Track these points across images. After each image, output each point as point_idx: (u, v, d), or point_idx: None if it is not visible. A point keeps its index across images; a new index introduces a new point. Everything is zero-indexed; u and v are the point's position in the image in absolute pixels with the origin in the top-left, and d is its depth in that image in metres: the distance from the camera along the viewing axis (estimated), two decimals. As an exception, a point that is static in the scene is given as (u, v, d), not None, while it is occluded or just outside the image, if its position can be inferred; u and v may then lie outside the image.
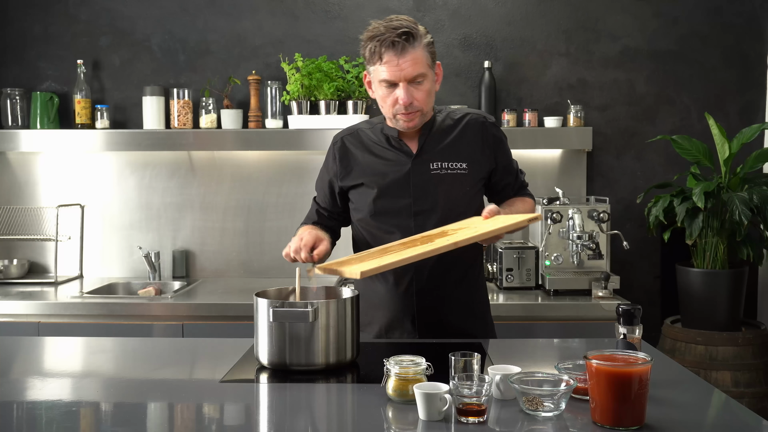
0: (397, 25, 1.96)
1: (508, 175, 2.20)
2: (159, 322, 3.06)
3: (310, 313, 1.67)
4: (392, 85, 1.98)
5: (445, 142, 2.11)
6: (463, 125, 2.13)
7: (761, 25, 3.62)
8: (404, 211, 2.07)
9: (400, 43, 1.93)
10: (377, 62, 1.97)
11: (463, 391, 1.38)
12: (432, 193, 2.07)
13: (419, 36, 1.97)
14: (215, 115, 3.58)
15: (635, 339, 1.60)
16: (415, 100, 1.98)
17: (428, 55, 1.99)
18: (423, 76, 1.98)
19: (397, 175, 2.08)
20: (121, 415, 1.54)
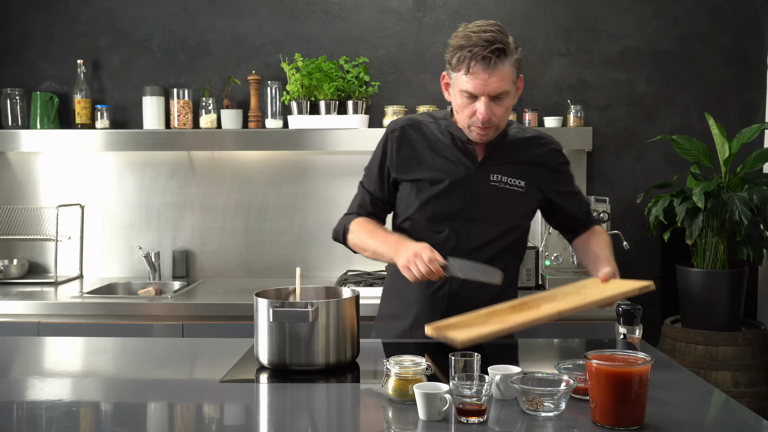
0: (491, 38, 1.87)
1: (571, 204, 2.16)
2: (159, 322, 3.06)
3: (310, 313, 1.67)
4: (473, 97, 1.92)
5: (510, 157, 2.06)
6: (531, 145, 2.10)
7: (761, 25, 3.62)
8: (457, 215, 2.04)
9: (492, 59, 1.86)
10: (462, 72, 1.90)
11: (463, 391, 1.38)
12: (486, 204, 2.03)
13: (510, 52, 1.89)
14: (215, 115, 3.58)
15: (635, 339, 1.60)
16: (494, 116, 1.93)
17: (515, 71, 1.93)
18: (506, 93, 1.92)
19: (457, 177, 2.03)
20: (121, 415, 1.54)
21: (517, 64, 1.93)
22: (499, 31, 1.90)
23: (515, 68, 1.93)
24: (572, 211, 2.17)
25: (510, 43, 1.90)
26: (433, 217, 2.05)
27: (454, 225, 2.04)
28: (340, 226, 2.14)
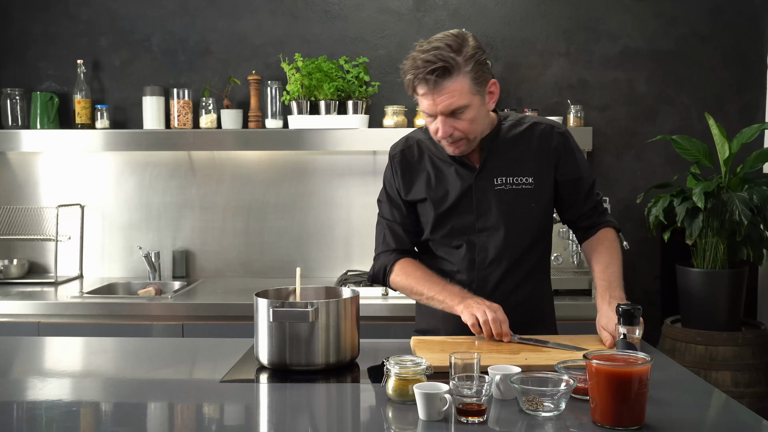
0: (431, 58, 1.81)
1: (575, 192, 2.07)
2: (159, 322, 3.06)
3: (310, 313, 1.67)
4: (431, 116, 1.90)
5: (510, 154, 2.01)
6: (529, 135, 2.03)
7: (761, 25, 3.62)
8: (469, 228, 2.01)
9: (432, 80, 1.82)
10: (414, 93, 1.90)
11: (463, 391, 1.38)
12: (496, 210, 1.99)
13: (456, 67, 1.82)
14: (215, 115, 3.58)
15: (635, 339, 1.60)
16: (456, 131, 1.89)
17: (471, 82, 1.85)
18: (464, 107, 1.86)
19: (460, 190, 2.00)
20: (121, 415, 1.54)
21: (476, 73, 1.85)
22: (448, 45, 1.83)
23: (471, 79, 1.85)
24: (576, 203, 2.08)
25: (457, 57, 1.83)
26: (448, 234, 2.03)
27: (470, 238, 2.01)
28: (380, 267, 2.08)
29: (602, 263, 2.02)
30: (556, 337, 1.89)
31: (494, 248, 2.01)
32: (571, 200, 2.08)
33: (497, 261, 2.01)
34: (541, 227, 2.06)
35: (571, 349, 1.79)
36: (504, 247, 2.01)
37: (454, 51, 1.83)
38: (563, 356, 1.73)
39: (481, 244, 2.01)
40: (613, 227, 2.13)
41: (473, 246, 2.01)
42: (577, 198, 2.08)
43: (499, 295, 1.99)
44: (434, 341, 1.88)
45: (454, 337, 1.92)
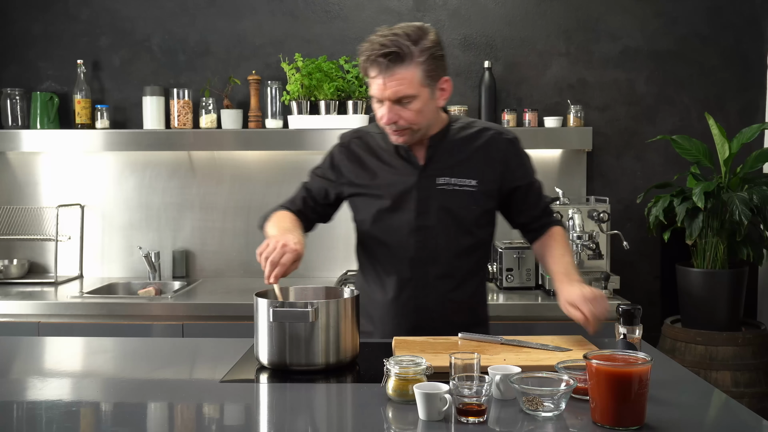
0: (386, 42, 1.84)
1: (528, 197, 2.09)
2: (159, 322, 3.06)
3: (310, 313, 1.67)
4: (379, 100, 1.91)
5: (456, 155, 2.02)
6: (478, 139, 2.04)
7: (761, 25, 3.62)
8: (408, 225, 2.01)
9: (384, 63, 1.83)
10: (366, 76, 1.91)
11: (463, 391, 1.38)
12: (436, 209, 2.01)
13: (409, 55, 1.84)
14: (215, 115, 3.58)
15: (635, 339, 1.60)
16: (401, 119, 1.90)
17: (422, 74, 1.86)
18: (411, 97, 1.87)
19: (403, 186, 2.01)
20: (121, 415, 1.54)
21: (428, 67, 1.87)
22: (406, 34, 1.85)
23: (423, 71, 1.86)
24: (529, 207, 2.10)
25: (413, 47, 1.84)
26: (387, 231, 2.03)
27: (409, 235, 2.01)
28: (267, 212, 2.13)
29: (556, 255, 2.04)
30: (538, 338, 1.89)
31: (432, 247, 2.02)
32: (525, 204, 2.10)
33: (435, 260, 2.01)
34: (480, 231, 2.07)
35: (553, 350, 1.80)
36: (442, 247, 2.02)
37: (411, 41, 1.85)
38: (543, 356, 1.73)
39: (420, 243, 2.01)
40: (561, 226, 2.16)
41: (412, 244, 2.01)
42: (530, 202, 2.10)
43: (437, 295, 2.02)
44: (415, 341, 1.88)
45: (435, 338, 1.92)
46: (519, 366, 1.55)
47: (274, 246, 1.77)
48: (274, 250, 1.77)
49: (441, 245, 2.02)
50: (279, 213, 2.09)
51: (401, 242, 2.02)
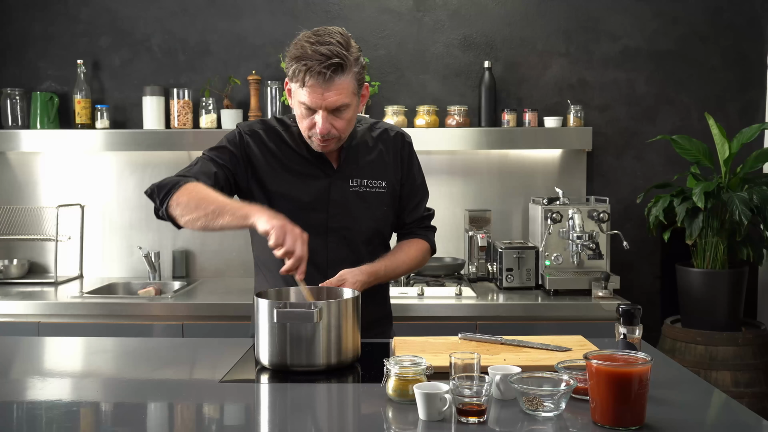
0: (326, 52, 1.79)
1: (405, 201, 2.12)
2: (159, 322, 3.06)
3: (315, 313, 1.66)
4: (311, 110, 1.87)
5: (365, 157, 2.04)
6: (382, 141, 2.08)
7: (761, 25, 3.62)
8: (320, 226, 1.99)
9: (326, 74, 1.79)
10: (299, 84, 1.84)
11: (463, 391, 1.38)
12: (350, 211, 2.01)
13: (349, 65, 1.83)
14: (215, 115, 3.58)
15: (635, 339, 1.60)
16: (334, 129, 1.88)
17: (355, 82, 1.87)
18: (346, 106, 1.87)
19: (316, 189, 1.99)
20: (121, 415, 1.54)
21: (359, 75, 1.88)
22: (339, 42, 1.82)
23: (356, 80, 1.87)
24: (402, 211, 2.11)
25: (349, 56, 1.83)
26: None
27: (321, 237, 1.99)
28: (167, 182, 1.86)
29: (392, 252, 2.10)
30: (538, 338, 1.89)
31: (344, 247, 2.02)
32: (401, 209, 2.12)
33: (350, 260, 2.01)
34: (387, 230, 2.12)
35: (553, 350, 1.80)
36: (354, 247, 2.03)
37: (345, 49, 1.83)
38: (543, 356, 1.73)
39: (332, 243, 2.02)
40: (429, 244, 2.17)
41: (326, 245, 2.00)
42: (405, 206, 2.12)
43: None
44: (415, 341, 1.88)
45: (435, 338, 1.92)
46: (519, 366, 1.55)
47: (295, 237, 1.68)
48: (295, 241, 1.67)
49: (352, 245, 2.03)
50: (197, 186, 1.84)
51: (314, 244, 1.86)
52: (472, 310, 3.03)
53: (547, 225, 3.25)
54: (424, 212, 2.18)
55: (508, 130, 3.50)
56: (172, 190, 1.83)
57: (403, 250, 2.12)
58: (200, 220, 1.78)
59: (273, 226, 1.67)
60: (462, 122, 3.51)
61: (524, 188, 3.65)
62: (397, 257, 2.08)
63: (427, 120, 3.49)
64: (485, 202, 3.66)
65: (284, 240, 1.67)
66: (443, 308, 3.02)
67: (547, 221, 3.25)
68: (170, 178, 1.89)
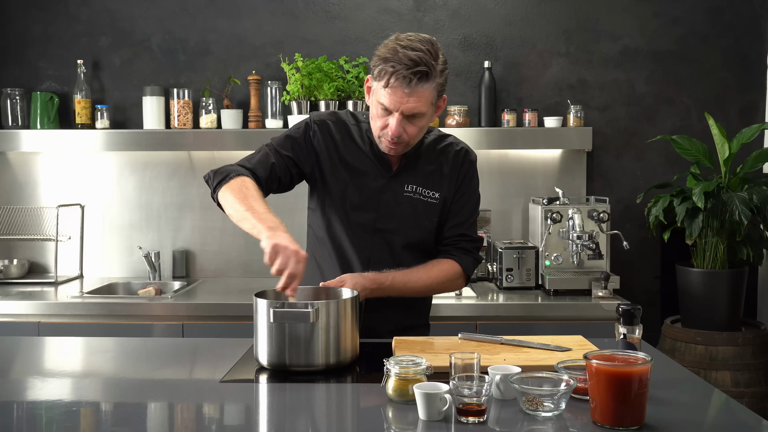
0: (416, 58, 1.81)
1: (454, 215, 2.08)
2: (159, 322, 3.06)
3: (311, 313, 1.66)
4: (387, 111, 1.88)
5: (426, 166, 2.05)
6: (445, 154, 2.08)
7: (761, 25, 3.62)
8: (368, 225, 2.02)
9: (412, 80, 1.82)
10: (382, 84, 1.86)
11: (463, 391, 1.38)
12: (398, 215, 2.02)
13: (434, 75, 1.84)
14: (215, 115, 3.58)
15: (635, 339, 1.60)
16: (405, 134, 1.90)
17: (436, 93, 1.89)
18: (422, 114, 1.89)
19: (370, 185, 2.02)
20: (121, 415, 1.54)
21: (440, 87, 1.89)
22: (428, 51, 1.83)
23: (437, 91, 1.88)
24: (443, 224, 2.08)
25: (436, 66, 1.85)
26: (347, 227, 2.02)
27: (367, 235, 2.02)
28: (224, 170, 1.95)
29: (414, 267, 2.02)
30: (538, 338, 1.89)
31: (386, 249, 2.03)
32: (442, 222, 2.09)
33: (389, 264, 2.01)
34: (431, 241, 2.10)
35: (553, 350, 1.80)
36: (395, 251, 2.04)
37: (433, 58, 1.84)
38: (543, 356, 1.74)
39: (376, 244, 2.03)
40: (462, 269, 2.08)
41: (370, 244, 2.02)
42: (446, 220, 2.09)
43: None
44: (415, 341, 1.89)
45: (435, 338, 1.92)
46: (519, 366, 1.55)
47: (288, 256, 1.68)
48: (288, 259, 1.68)
49: (396, 249, 2.04)
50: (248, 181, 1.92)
51: (360, 241, 2.01)
52: (472, 310, 3.03)
53: (547, 225, 3.25)
54: (465, 231, 2.11)
55: (508, 130, 3.50)
56: (223, 180, 1.92)
57: (424, 267, 2.04)
58: (233, 217, 1.89)
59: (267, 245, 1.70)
60: (462, 122, 3.51)
61: (524, 188, 3.65)
62: (414, 273, 2.02)
63: (427, 120, 3.49)
64: (485, 202, 3.63)
65: (275, 258, 1.68)
66: (443, 308, 3.02)
67: (547, 221, 3.25)
68: (228, 167, 1.97)
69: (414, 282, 2.01)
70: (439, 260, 2.08)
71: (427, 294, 2.15)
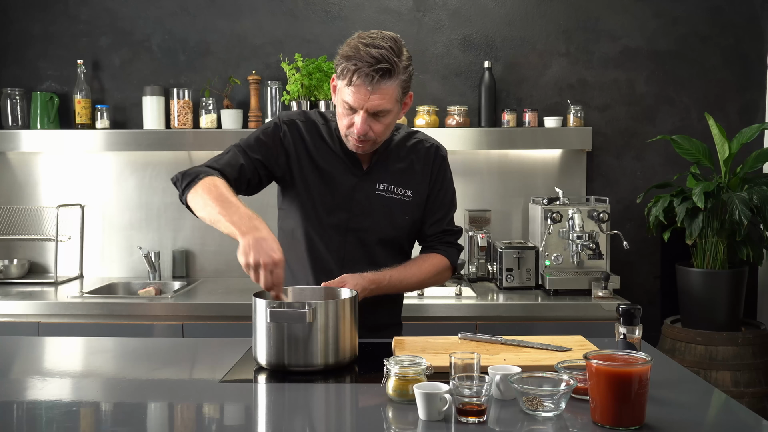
0: (377, 55, 1.81)
1: (434, 212, 2.11)
2: (159, 322, 3.06)
3: (307, 313, 1.66)
4: (352, 109, 1.88)
5: (396, 164, 2.06)
6: (416, 152, 2.08)
7: (761, 25, 3.62)
8: (340, 225, 2.02)
9: (374, 77, 1.82)
10: (345, 82, 1.86)
11: (463, 391, 1.38)
12: (371, 214, 2.03)
13: (397, 72, 1.85)
14: (215, 115, 3.58)
15: (635, 339, 1.60)
16: (371, 132, 1.90)
17: (401, 90, 1.89)
18: (387, 111, 1.88)
19: (342, 185, 2.02)
20: (121, 415, 1.54)
21: (405, 84, 1.89)
22: (391, 48, 1.83)
23: (402, 87, 1.88)
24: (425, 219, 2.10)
25: (399, 63, 1.85)
26: (319, 227, 2.02)
27: (340, 235, 2.02)
28: (193, 172, 1.92)
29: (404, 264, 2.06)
30: (538, 338, 1.89)
31: (359, 248, 2.03)
32: (424, 220, 2.12)
33: (364, 263, 2.02)
34: (406, 239, 2.11)
35: (553, 350, 1.80)
36: (369, 250, 2.04)
37: (396, 55, 1.85)
38: (543, 356, 1.74)
39: (349, 244, 2.03)
40: (450, 261, 2.13)
41: (342, 244, 2.02)
42: (428, 218, 2.12)
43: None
44: (415, 341, 1.88)
45: (435, 338, 1.92)
46: (519, 366, 1.55)
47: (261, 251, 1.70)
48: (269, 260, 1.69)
49: (371, 248, 2.04)
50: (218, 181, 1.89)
51: (333, 241, 2.01)
52: (472, 310, 3.03)
53: (547, 225, 3.25)
54: (446, 227, 2.15)
55: (508, 130, 3.50)
56: (193, 181, 1.89)
57: (416, 263, 2.09)
58: (206, 219, 1.85)
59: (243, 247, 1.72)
60: (462, 122, 3.51)
61: (524, 188, 3.66)
62: (407, 270, 2.05)
63: (427, 120, 3.49)
64: (485, 202, 3.66)
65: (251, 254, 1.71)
66: (443, 308, 3.03)
67: (547, 221, 3.25)
68: (196, 168, 1.95)
69: (409, 278, 2.04)
70: (428, 255, 2.12)
71: (419, 288, 2.21)
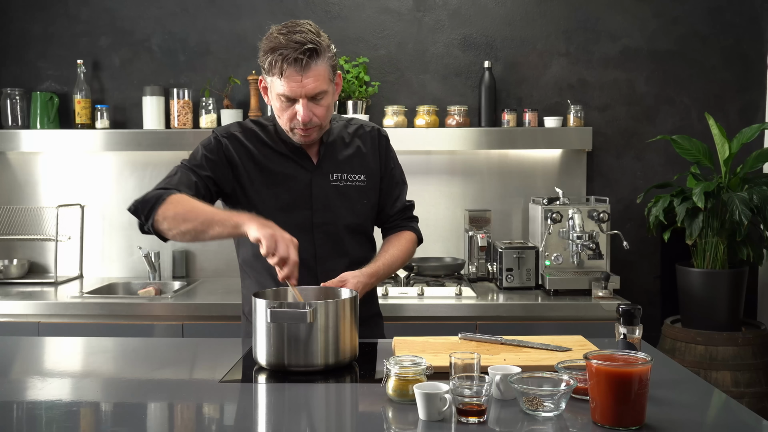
0: (300, 39, 1.83)
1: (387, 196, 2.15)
2: (159, 322, 3.06)
3: (308, 313, 1.66)
4: (291, 100, 1.89)
5: (343, 152, 2.07)
6: (359, 136, 2.11)
7: (761, 25, 3.62)
8: (303, 224, 2.00)
9: (303, 60, 1.82)
10: (276, 75, 1.86)
11: (463, 391, 1.38)
12: (332, 206, 2.03)
13: (323, 51, 1.86)
14: (215, 115, 3.58)
15: (635, 339, 1.60)
16: (315, 117, 1.91)
17: (330, 69, 1.90)
18: (324, 93, 1.90)
19: (298, 186, 2.01)
20: (121, 415, 1.54)
21: (333, 61, 1.91)
22: (310, 30, 1.86)
23: (330, 66, 1.90)
24: (385, 205, 2.15)
25: (321, 42, 1.87)
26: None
27: (306, 233, 2.00)
28: (152, 196, 1.87)
29: (384, 249, 2.12)
30: (538, 338, 1.89)
31: (329, 243, 2.03)
32: (383, 202, 2.15)
33: (336, 255, 2.03)
34: (368, 223, 2.15)
35: (553, 350, 1.80)
36: (338, 242, 2.05)
37: (317, 35, 1.87)
38: (543, 356, 1.74)
39: (318, 240, 2.02)
40: (416, 234, 2.21)
41: (311, 241, 2.01)
42: (386, 199, 2.15)
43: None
44: (415, 341, 1.88)
45: (435, 338, 1.92)
46: (519, 366, 1.55)
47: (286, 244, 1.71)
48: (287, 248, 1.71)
49: (341, 240, 2.05)
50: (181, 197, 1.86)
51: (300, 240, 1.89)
52: (472, 310, 3.03)
53: (547, 225, 3.25)
54: (405, 203, 2.20)
55: (508, 130, 3.50)
56: (156, 204, 1.85)
57: (395, 245, 2.13)
58: (190, 233, 1.82)
59: (264, 234, 1.71)
60: (462, 122, 3.51)
61: (524, 188, 3.66)
62: (392, 253, 2.09)
63: (427, 120, 3.49)
64: (485, 202, 3.66)
65: (276, 248, 1.70)
66: (443, 308, 3.03)
67: (547, 221, 3.25)
68: (152, 193, 1.90)
69: (395, 261, 2.09)
70: (399, 234, 2.17)
71: (402, 267, 2.25)
